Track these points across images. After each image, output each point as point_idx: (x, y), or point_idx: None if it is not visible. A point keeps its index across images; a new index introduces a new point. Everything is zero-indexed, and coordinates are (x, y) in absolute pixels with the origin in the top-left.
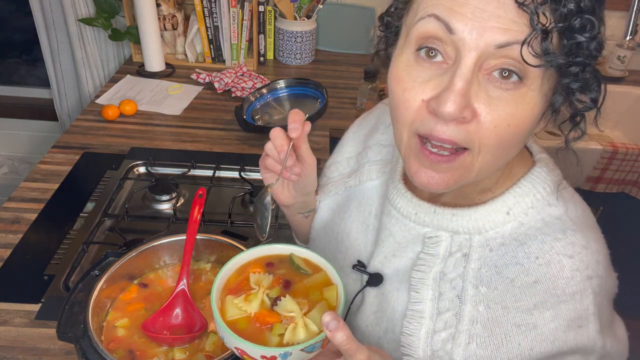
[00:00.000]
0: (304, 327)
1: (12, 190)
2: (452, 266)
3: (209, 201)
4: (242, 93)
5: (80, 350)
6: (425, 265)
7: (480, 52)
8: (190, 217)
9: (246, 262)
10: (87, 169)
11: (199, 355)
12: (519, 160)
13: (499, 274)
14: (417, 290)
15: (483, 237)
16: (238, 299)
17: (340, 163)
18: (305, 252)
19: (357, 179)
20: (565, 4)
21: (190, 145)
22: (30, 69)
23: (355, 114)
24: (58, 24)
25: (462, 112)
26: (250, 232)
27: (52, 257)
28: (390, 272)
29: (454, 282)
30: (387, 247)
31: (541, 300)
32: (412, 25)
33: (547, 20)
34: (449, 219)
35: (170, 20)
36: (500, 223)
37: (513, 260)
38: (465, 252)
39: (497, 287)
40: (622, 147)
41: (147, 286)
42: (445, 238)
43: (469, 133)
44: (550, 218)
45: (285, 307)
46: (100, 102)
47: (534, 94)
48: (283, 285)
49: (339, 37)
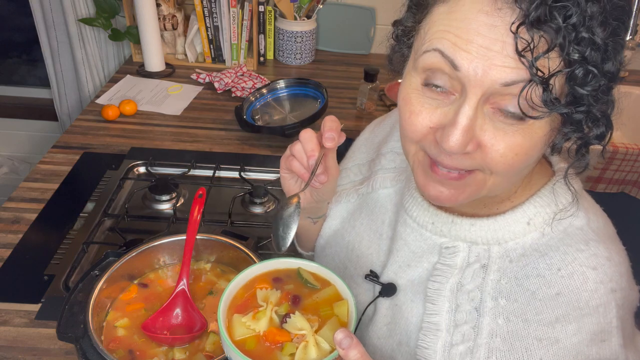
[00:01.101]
0: (316, 345)
1: (12, 190)
2: (469, 277)
3: (209, 201)
4: (242, 93)
5: (80, 350)
6: (442, 276)
7: (485, 89)
8: (190, 217)
9: (252, 277)
10: (87, 169)
11: (199, 355)
12: (538, 170)
13: (519, 286)
14: (433, 301)
15: (502, 247)
16: (246, 317)
17: (352, 170)
18: (313, 266)
19: (369, 186)
20: (569, 53)
21: (190, 145)
22: (30, 69)
23: (355, 114)
24: (58, 24)
25: (464, 147)
26: (250, 232)
27: (52, 257)
28: (404, 282)
29: (472, 294)
30: (402, 257)
31: (563, 313)
32: (418, 54)
33: (548, 68)
34: (467, 229)
35: (170, 20)
36: (521, 233)
37: (534, 272)
38: (484, 263)
39: (517, 299)
40: (622, 147)
41: (147, 286)
42: (462, 248)
43: (475, 160)
44: (572, 229)
45: (295, 324)
46: (100, 102)
47: (541, 124)
48: (292, 301)
49: (339, 37)
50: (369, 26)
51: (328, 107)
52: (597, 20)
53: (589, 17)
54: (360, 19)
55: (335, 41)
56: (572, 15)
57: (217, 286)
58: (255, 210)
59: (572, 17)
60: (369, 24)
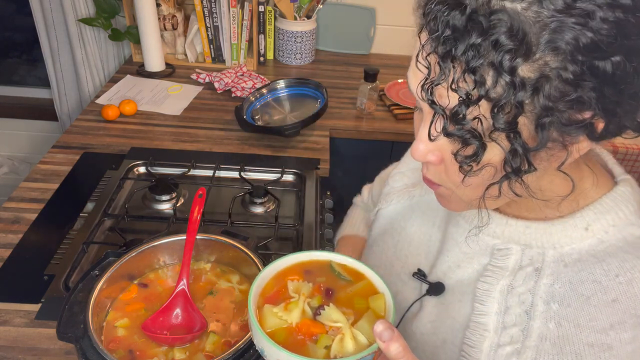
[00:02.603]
0: (353, 338)
1: (12, 190)
2: (521, 280)
3: (209, 201)
4: (242, 93)
5: (80, 350)
6: (493, 277)
7: (427, 107)
8: (190, 217)
9: (282, 268)
10: (87, 169)
11: (199, 355)
12: (588, 180)
13: (573, 291)
14: (482, 302)
15: (557, 252)
16: (277, 308)
17: (405, 174)
18: (345, 259)
19: (422, 188)
20: (456, 89)
21: (190, 145)
22: (30, 69)
23: (355, 114)
24: (58, 24)
25: (425, 156)
26: (250, 232)
27: (52, 257)
28: (452, 282)
29: (523, 297)
30: (452, 257)
31: (619, 320)
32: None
33: (448, 100)
34: (521, 231)
35: (170, 20)
36: (578, 239)
37: (590, 277)
38: (537, 266)
39: (570, 304)
40: (622, 147)
41: (147, 286)
42: (515, 251)
43: (440, 174)
44: (632, 237)
45: (329, 316)
46: (100, 102)
47: (489, 155)
48: (325, 294)
49: (339, 37)
50: (369, 26)
51: (328, 107)
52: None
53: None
54: (360, 19)
55: (335, 41)
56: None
57: (217, 286)
58: (255, 210)
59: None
60: (369, 24)
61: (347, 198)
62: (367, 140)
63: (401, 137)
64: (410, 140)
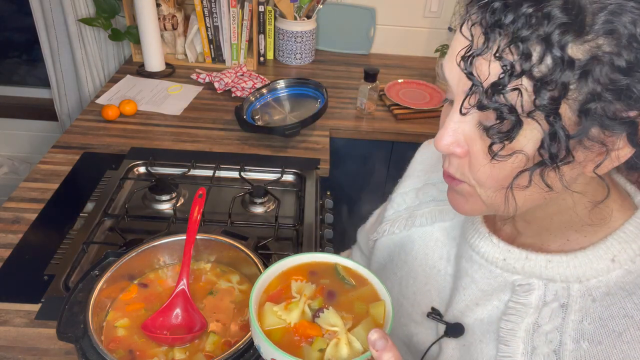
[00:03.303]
0: (348, 344)
1: (12, 190)
2: (547, 317)
3: (209, 201)
4: (242, 93)
5: (80, 350)
6: (516, 316)
7: (462, 94)
8: (190, 217)
9: (288, 268)
10: (87, 169)
11: (199, 355)
12: (616, 202)
13: (603, 327)
14: (506, 343)
15: (584, 285)
16: (278, 307)
17: (409, 194)
18: (351, 264)
19: (423, 218)
20: (501, 57)
21: (190, 145)
22: (30, 69)
23: (355, 114)
24: (58, 24)
25: (450, 148)
26: (250, 232)
27: (52, 257)
28: (472, 322)
29: (550, 335)
30: (469, 295)
31: None
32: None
33: (487, 73)
34: (543, 265)
35: (170, 20)
36: (604, 271)
37: (621, 312)
38: (564, 302)
39: (601, 341)
40: None
41: (147, 286)
42: (538, 286)
43: (464, 168)
44: None
45: (327, 320)
46: (100, 102)
47: (523, 152)
48: (326, 296)
49: (339, 37)
50: (369, 26)
51: (328, 107)
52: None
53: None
54: (360, 19)
55: (335, 41)
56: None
57: (217, 286)
58: (255, 210)
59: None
60: (369, 24)
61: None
62: (367, 140)
63: (401, 137)
64: (410, 141)
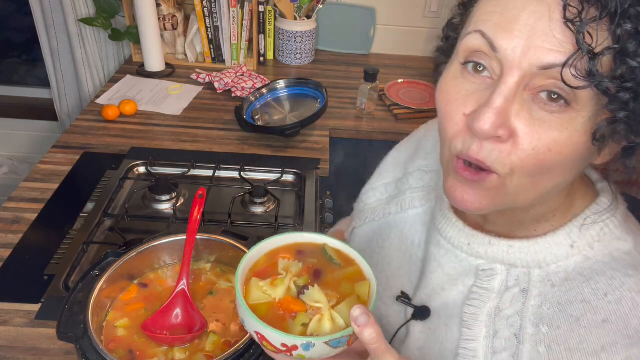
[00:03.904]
0: (331, 320)
1: (12, 190)
2: (508, 302)
3: (209, 201)
4: (242, 93)
5: (80, 350)
6: (479, 300)
7: (523, 72)
8: (190, 217)
9: (276, 247)
10: (87, 169)
11: (199, 355)
12: (581, 193)
13: (562, 312)
14: (469, 326)
15: (544, 271)
16: (263, 283)
17: (378, 189)
18: (339, 244)
19: (398, 206)
20: (620, 24)
21: (190, 145)
22: (30, 69)
23: (355, 114)
24: (58, 24)
25: (497, 130)
26: (250, 232)
27: (52, 257)
28: (438, 305)
29: (511, 320)
30: (436, 280)
31: (610, 342)
32: (461, 39)
33: (595, 40)
34: (505, 250)
35: (170, 20)
36: (564, 257)
37: (579, 297)
38: (524, 287)
39: (560, 326)
40: None
41: (147, 286)
42: (500, 271)
43: (502, 154)
44: (618, 253)
45: (312, 296)
46: (100, 102)
47: (583, 120)
48: (313, 275)
49: (339, 37)
50: (369, 26)
51: (328, 107)
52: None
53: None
54: (360, 19)
55: (335, 41)
56: None
57: (217, 286)
58: (255, 210)
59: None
60: (369, 24)
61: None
62: (367, 140)
63: (401, 137)
64: None
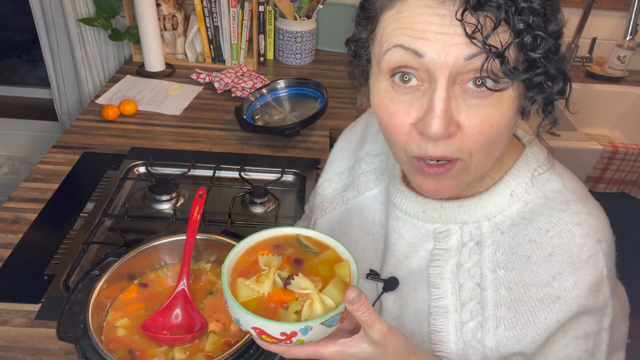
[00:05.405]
0: (321, 302)
1: (12, 190)
2: (467, 256)
3: (209, 201)
4: (242, 93)
5: (80, 350)
6: (441, 260)
7: (450, 68)
8: (190, 217)
9: (253, 245)
10: (87, 169)
11: (199, 355)
12: (510, 147)
13: (514, 254)
14: (436, 286)
15: (492, 222)
16: (249, 281)
17: (332, 180)
18: (311, 232)
19: (355, 190)
20: (514, 24)
21: (190, 145)
22: (30, 69)
23: (355, 114)
24: (58, 24)
25: (447, 129)
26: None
27: (52, 257)
28: (404, 274)
29: (472, 271)
30: (399, 250)
31: (559, 271)
32: (381, 56)
33: (500, 42)
34: (456, 210)
35: (170, 20)
36: (506, 206)
37: (525, 238)
38: (478, 240)
39: (514, 267)
40: (622, 147)
41: (147, 286)
42: (455, 230)
43: (456, 144)
44: (551, 193)
45: (299, 285)
46: (100, 102)
47: (508, 94)
48: (294, 265)
49: (339, 37)
50: None
51: (328, 107)
52: None
53: None
54: None
55: (335, 41)
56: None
57: (217, 286)
58: (255, 210)
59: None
60: None
61: None
62: None
63: None
64: None
